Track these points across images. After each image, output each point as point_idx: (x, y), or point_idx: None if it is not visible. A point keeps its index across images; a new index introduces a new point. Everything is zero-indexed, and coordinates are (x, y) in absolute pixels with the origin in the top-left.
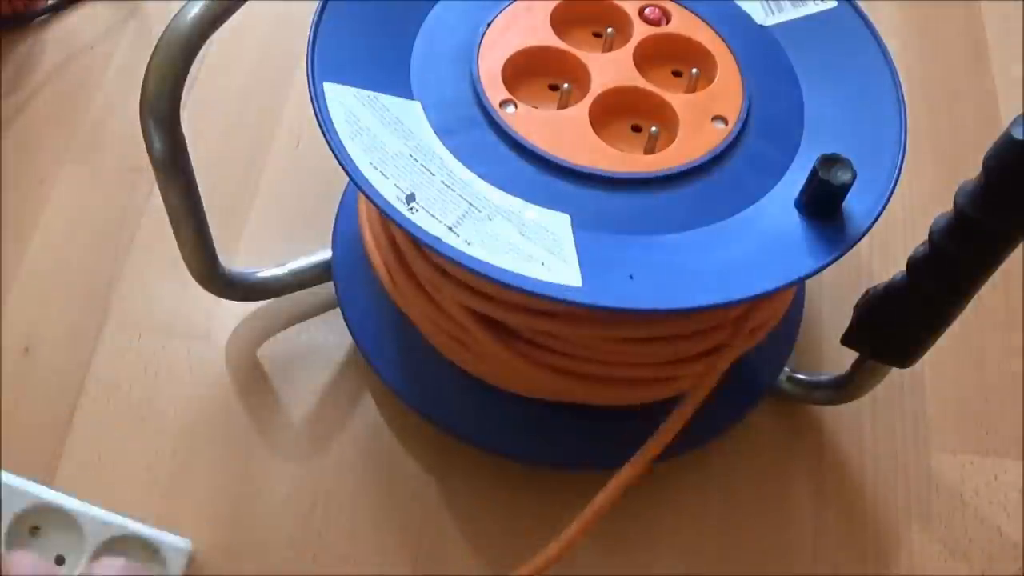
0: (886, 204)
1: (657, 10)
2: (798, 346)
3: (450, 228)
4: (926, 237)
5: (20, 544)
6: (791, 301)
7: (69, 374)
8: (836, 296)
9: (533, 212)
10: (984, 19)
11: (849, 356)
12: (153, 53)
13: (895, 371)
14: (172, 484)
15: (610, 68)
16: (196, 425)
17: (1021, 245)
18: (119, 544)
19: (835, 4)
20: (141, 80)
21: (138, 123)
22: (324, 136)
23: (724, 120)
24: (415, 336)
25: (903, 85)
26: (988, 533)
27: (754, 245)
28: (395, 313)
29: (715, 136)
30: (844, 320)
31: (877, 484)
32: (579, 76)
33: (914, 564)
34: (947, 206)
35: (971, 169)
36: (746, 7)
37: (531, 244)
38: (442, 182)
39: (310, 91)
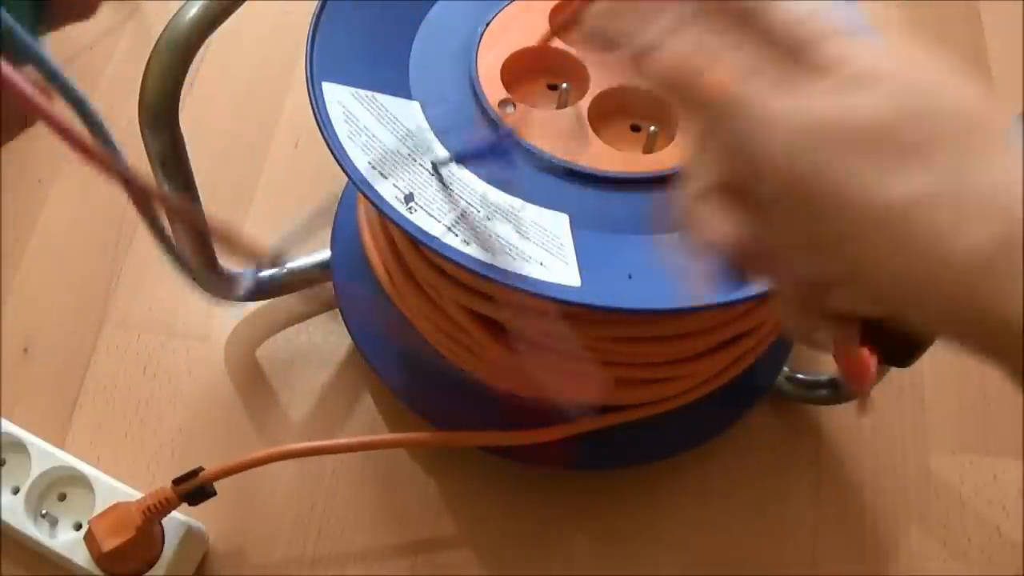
0: None
1: None
2: (797, 346)
3: (448, 228)
4: None
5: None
6: None
7: (68, 374)
8: None
9: (532, 212)
10: (984, 19)
11: None
12: (152, 53)
13: (894, 371)
14: None
15: (609, 68)
16: (195, 425)
17: None
18: None
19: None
20: (140, 80)
21: (137, 123)
22: (323, 136)
23: None
24: (414, 336)
25: None
26: (987, 532)
27: None
28: (395, 313)
29: None
30: None
31: (876, 484)
32: (577, 76)
33: (913, 564)
34: None
35: None
36: None
37: (530, 244)
38: (441, 182)
39: (309, 91)
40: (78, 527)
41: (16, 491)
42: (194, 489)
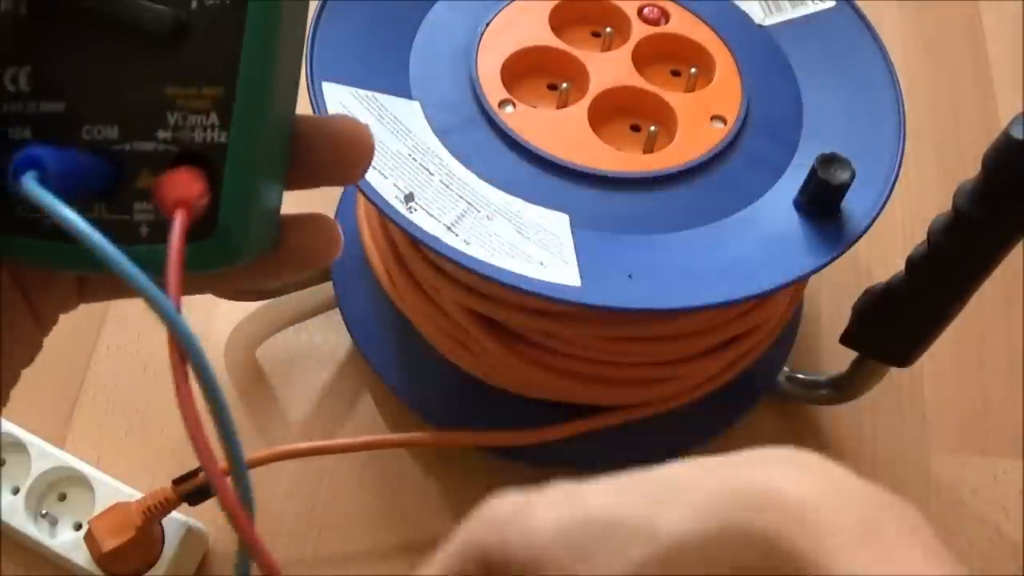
0: (885, 203)
1: (656, 9)
2: (797, 346)
3: (449, 227)
4: (925, 237)
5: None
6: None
7: (69, 374)
8: (835, 296)
9: (532, 212)
10: (984, 19)
11: (848, 356)
12: None
13: (894, 371)
14: None
15: (609, 68)
16: None
17: (1020, 244)
18: None
19: (834, 3)
20: None
21: None
22: None
23: (723, 119)
24: (414, 336)
25: (902, 84)
26: (987, 533)
27: (753, 244)
28: (394, 313)
29: (714, 135)
30: (843, 320)
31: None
32: (578, 76)
33: None
34: (946, 206)
35: (971, 169)
36: (745, 7)
37: (530, 244)
38: (441, 182)
39: (308, 90)
40: (78, 527)
41: (16, 491)
42: (194, 489)
